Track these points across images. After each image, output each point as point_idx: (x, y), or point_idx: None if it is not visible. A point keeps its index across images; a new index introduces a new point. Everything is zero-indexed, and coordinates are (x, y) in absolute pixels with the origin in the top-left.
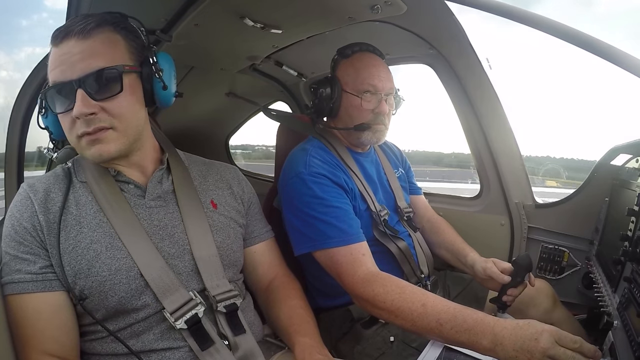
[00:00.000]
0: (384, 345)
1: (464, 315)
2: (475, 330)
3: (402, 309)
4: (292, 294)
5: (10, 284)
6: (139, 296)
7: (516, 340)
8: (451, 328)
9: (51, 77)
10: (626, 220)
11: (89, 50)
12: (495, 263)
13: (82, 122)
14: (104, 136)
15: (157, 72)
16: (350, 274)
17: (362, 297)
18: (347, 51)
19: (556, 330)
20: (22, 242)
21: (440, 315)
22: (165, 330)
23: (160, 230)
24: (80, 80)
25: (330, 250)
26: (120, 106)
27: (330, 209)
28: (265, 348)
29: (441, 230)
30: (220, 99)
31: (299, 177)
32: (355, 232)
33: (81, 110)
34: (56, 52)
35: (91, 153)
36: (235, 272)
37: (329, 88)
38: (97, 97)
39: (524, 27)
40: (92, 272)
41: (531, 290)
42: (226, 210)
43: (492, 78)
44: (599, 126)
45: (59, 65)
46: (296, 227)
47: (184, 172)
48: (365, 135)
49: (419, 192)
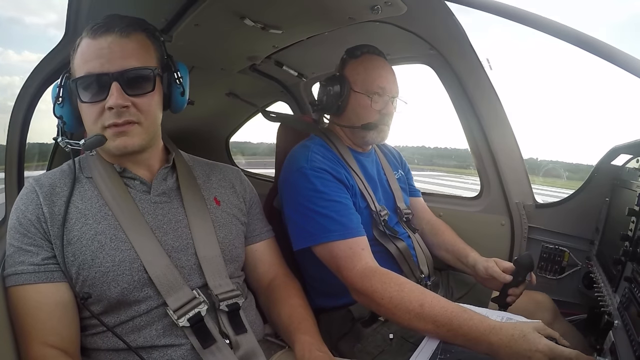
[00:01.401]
0: (383, 342)
1: (460, 320)
2: (470, 336)
3: (399, 307)
4: (293, 293)
5: (13, 275)
6: (141, 288)
7: (511, 353)
8: (448, 331)
9: (85, 67)
10: (626, 220)
11: (128, 49)
12: (496, 262)
13: (112, 113)
14: (130, 129)
15: (178, 79)
16: (349, 267)
17: (360, 291)
18: (356, 52)
19: (550, 349)
20: (26, 234)
21: (437, 318)
22: (168, 327)
23: (164, 225)
24: (118, 74)
25: (329, 244)
26: (149, 104)
27: (331, 203)
28: (265, 347)
29: (441, 232)
30: (220, 99)
31: (301, 172)
32: (356, 227)
33: (117, 102)
34: (93, 45)
35: (116, 144)
36: (236, 268)
37: (338, 86)
38: (130, 93)
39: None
40: (96, 262)
41: (531, 304)
42: (229, 208)
43: (492, 78)
44: (593, 127)
45: (97, 58)
46: (296, 222)
47: (188, 171)
48: (370, 135)
49: (418, 194)
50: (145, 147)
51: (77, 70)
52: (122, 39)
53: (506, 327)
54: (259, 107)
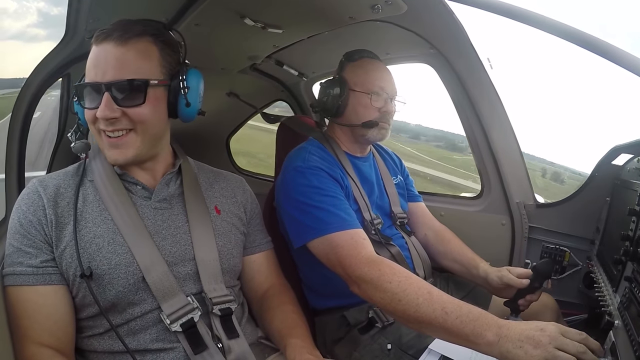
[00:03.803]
0: (381, 353)
1: (470, 306)
2: (481, 321)
3: (407, 292)
4: (286, 300)
5: (12, 275)
6: (136, 292)
7: (522, 331)
8: (456, 318)
9: (87, 74)
10: (627, 220)
11: (122, 58)
12: (509, 270)
13: (104, 122)
14: (123, 140)
15: (183, 89)
16: (354, 255)
17: (366, 278)
18: (354, 56)
19: (561, 325)
20: (26, 235)
21: (445, 304)
22: (161, 331)
23: (163, 230)
24: (109, 85)
25: (329, 236)
26: (141, 114)
27: (327, 197)
28: (259, 350)
29: (446, 240)
30: (221, 99)
31: (297, 171)
32: (353, 220)
33: (104, 114)
34: (95, 51)
35: (109, 155)
36: (232, 278)
37: (338, 88)
38: (121, 104)
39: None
40: (93, 265)
41: (537, 305)
42: (229, 217)
43: (493, 77)
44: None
45: (95, 66)
46: (294, 218)
47: (193, 177)
48: (371, 133)
49: (419, 199)
50: (142, 158)
51: (86, 77)
52: (118, 47)
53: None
54: (258, 109)
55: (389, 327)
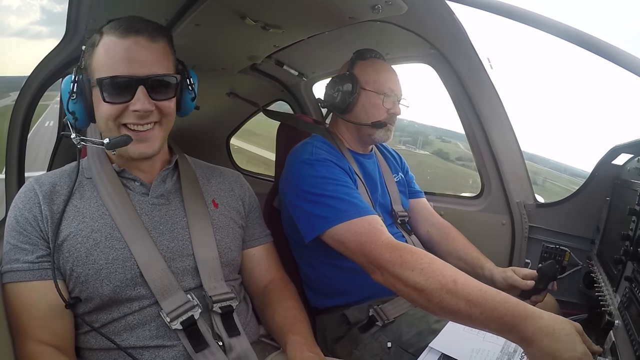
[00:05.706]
0: (381, 351)
1: (496, 302)
2: (505, 321)
3: (431, 281)
4: (288, 295)
5: (9, 272)
6: (133, 287)
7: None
8: (480, 313)
9: (113, 67)
10: (627, 220)
11: (155, 54)
12: (514, 271)
13: (135, 115)
14: (151, 134)
15: (190, 85)
16: (374, 240)
17: (387, 264)
18: (365, 54)
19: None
20: (22, 232)
21: (471, 297)
22: (160, 328)
23: (161, 226)
24: (146, 79)
25: (347, 224)
26: (170, 107)
27: (339, 187)
28: (260, 348)
29: (451, 238)
30: (221, 99)
31: (306, 163)
32: (368, 207)
33: (143, 106)
34: (120, 44)
35: (135, 149)
36: (231, 271)
37: (349, 84)
38: (155, 97)
39: None
40: (90, 259)
41: (537, 305)
42: (227, 210)
43: (493, 77)
44: (592, 127)
45: (125, 59)
46: (304, 210)
47: (190, 172)
48: (378, 133)
49: (420, 195)
50: (160, 150)
51: (101, 69)
52: (150, 43)
53: (548, 317)
54: (260, 107)
55: (389, 326)
